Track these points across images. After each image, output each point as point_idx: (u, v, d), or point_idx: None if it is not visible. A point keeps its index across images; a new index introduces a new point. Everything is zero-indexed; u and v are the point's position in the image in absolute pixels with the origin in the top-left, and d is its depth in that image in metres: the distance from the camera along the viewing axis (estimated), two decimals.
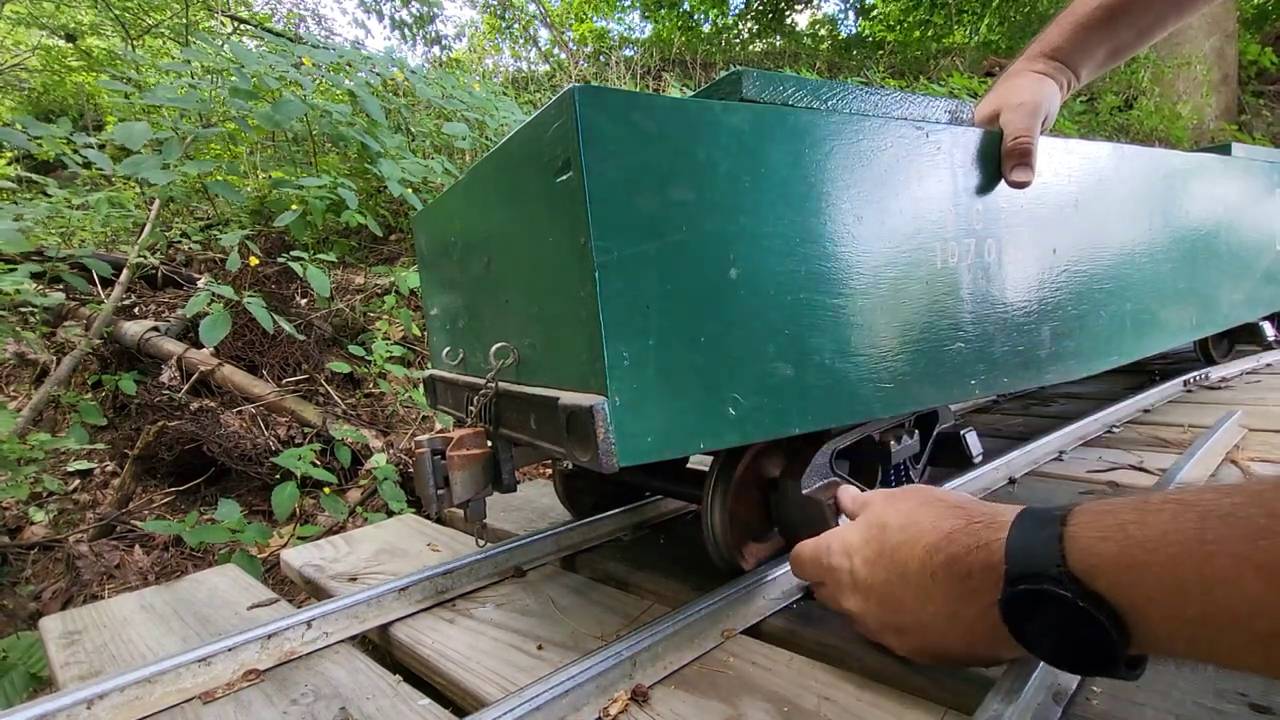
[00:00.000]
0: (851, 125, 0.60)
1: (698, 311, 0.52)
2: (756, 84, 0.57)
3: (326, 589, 0.91)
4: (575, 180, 0.48)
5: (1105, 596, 0.35)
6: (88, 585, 1.56)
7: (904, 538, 0.46)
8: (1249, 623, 0.30)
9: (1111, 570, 0.35)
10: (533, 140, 0.54)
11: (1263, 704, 0.52)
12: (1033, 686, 0.51)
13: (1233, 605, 0.31)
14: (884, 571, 0.48)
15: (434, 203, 0.90)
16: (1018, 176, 0.71)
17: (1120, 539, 0.35)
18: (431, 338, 0.96)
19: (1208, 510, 0.32)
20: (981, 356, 0.71)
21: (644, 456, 0.50)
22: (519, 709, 0.53)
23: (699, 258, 0.52)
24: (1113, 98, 4.96)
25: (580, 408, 0.49)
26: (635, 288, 0.49)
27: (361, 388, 2.39)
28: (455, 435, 0.68)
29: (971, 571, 0.43)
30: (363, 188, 2.76)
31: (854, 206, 0.60)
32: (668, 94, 0.58)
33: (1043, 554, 0.37)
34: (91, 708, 0.60)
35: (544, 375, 0.59)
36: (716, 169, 0.53)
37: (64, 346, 2.26)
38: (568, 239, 0.50)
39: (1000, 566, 0.40)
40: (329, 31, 6.90)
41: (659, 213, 0.50)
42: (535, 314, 0.59)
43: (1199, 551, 0.32)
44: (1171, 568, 0.33)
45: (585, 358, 0.50)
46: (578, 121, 0.47)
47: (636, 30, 8.84)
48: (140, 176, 1.91)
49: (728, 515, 0.74)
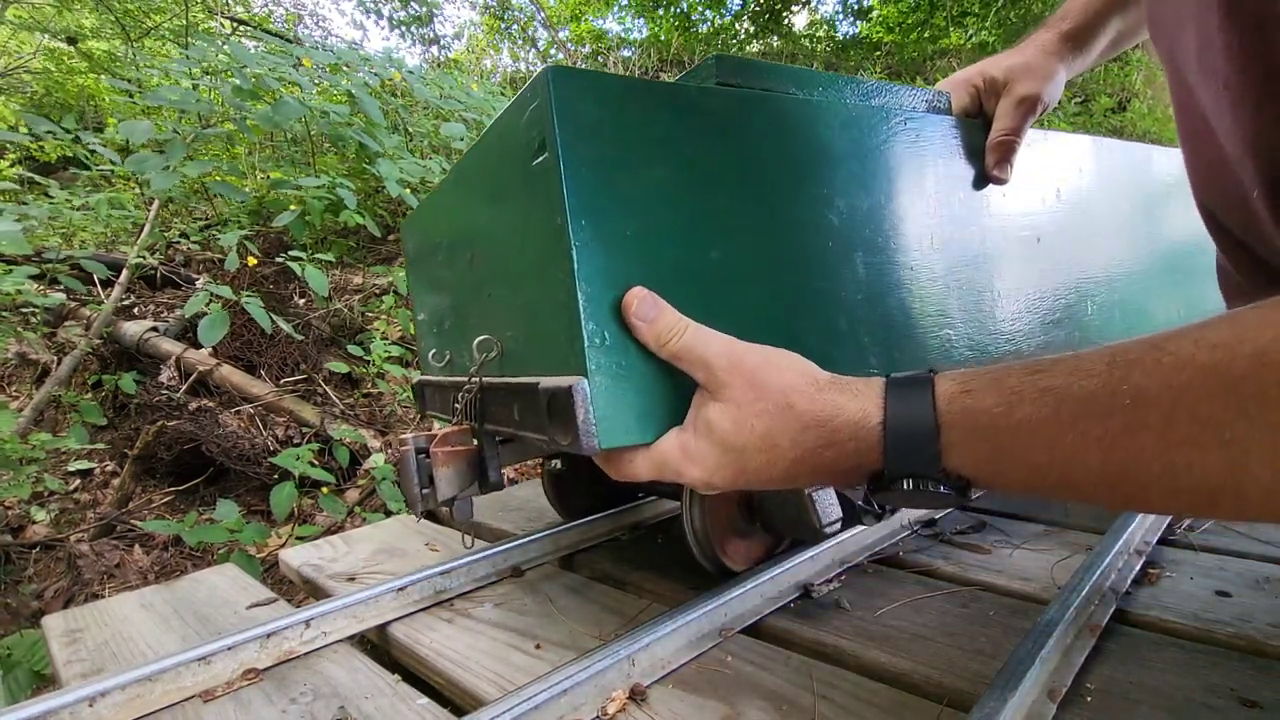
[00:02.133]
0: (829, 111, 0.61)
1: (677, 292, 0.51)
2: (733, 70, 0.57)
3: (325, 589, 0.91)
4: (551, 161, 0.48)
5: (971, 478, 0.41)
6: (89, 584, 1.56)
7: (765, 459, 0.45)
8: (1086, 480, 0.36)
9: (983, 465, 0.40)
10: (510, 126, 0.54)
11: (1251, 699, 0.52)
12: (1028, 683, 0.51)
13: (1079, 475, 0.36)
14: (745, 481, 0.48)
15: (420, 206, 0.90)
16: (998, 173, 0.72)
17: (990, 436, 0.39)
18: (420, 343, 0.96)
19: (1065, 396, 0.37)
20: (969, 343, 0.71)
21: (625, 439, 0.49)
22: (517, 708, 0.53)
23: (678, 239, 0.52)
24: (1106, 99, 4.97)
25: (560, 389, 0.49)
26: (613, 267, 0.49)
27: (360, 388, 2.39)
28: (439, 432, 0.68)
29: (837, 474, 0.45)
30: (361, 188, 2.76)
31: (834, 191, 0.60)
32: None
33: (923, 464, 0.41)
34: (93, 705, 0.60)
35: (527, 365, 0.59)
36: (694, 151, 0.53)
37: (64, 347, 2.27)
38: (545, 221, 0.50)
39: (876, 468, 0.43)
40: (327, 32, 6.90)
41: (636, 193, 0.50)
42: (517, 303, 0.59)
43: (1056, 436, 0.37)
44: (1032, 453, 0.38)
45: (564, 339, 0.50)
46: (552, 101, 0.47)
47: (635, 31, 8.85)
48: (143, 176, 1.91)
49: (706, 512, 0.74)
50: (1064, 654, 0.58)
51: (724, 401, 0.47)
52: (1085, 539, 0.87)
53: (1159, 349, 0.34)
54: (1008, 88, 0.74)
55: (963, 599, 0.74)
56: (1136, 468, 0.34)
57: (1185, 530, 0.87)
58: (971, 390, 0.40)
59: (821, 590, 0.77)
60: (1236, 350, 0.31)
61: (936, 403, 0.41)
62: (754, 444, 0.45)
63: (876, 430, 0.42)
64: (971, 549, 0.86)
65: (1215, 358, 0.32)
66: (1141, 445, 0.34)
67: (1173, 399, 0.33)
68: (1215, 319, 0.33)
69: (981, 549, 0.86)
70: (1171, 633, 0.64)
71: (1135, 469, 0.34)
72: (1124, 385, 0.34)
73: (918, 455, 0.41)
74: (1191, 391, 0.32)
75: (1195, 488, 0.33)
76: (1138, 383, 0.34)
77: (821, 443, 0.44)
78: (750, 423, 0.45)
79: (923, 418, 0.41)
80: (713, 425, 0.47)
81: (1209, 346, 0.32)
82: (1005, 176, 0.72)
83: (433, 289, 0.86)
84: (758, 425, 0.45)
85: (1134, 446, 0.34)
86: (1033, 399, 0.38)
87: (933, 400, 0.41)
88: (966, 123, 0.73)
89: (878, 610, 0.72)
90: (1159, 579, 0.74)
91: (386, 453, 1.97)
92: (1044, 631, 0.57)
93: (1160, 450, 0.33)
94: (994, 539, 0.89)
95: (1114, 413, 0.35)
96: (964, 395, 0.40)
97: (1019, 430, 0.38)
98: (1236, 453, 0.31)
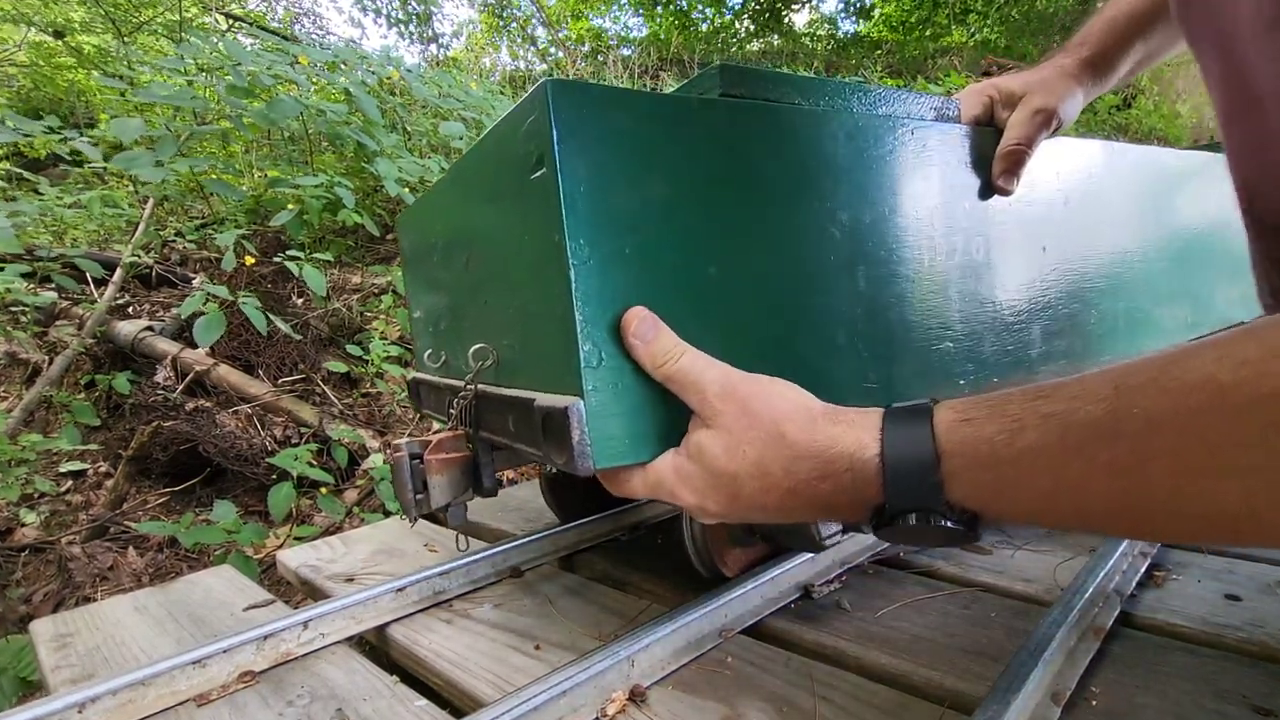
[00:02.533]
0: (834, 121, 0.60)
1: (676, 310, 0.51)
2: (736, 79, 0.56)
3: (323, 590, 0.90)
4: (549, 176, 0.47)
5: (976, 512, 0.39)
6: (80, 587, 1.55)
7: (759, 485, 0.45)
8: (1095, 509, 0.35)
9: (987, 496, 0.39)
10: (508, 137, 0.53)
11: (1266, 706, 0.51)
12: (1031, 686, 0.51)
13: (1087, 503, 0.35)
14: (740, 510, 0.47)
15: (416, 203, 0.89)
16: (1003, 183, 0.71)
17: (991, 465, 0.38)
18: (416, 340, 0.95)
19: (1069, 422, 0.35)
20: (970, 356, 0.70)
21: (621, 459, 0.49)
22: (517, 709, 0.52)
23: (677, 255, 0.51)
24: (1111, 96, 4.97)
25: (555, 409, 0.48)
26: (611, 286, 0.48)
27: (358, 388, 2.38)
28: (434, 438, 0.67)
29: (836, 509, 0.44)
30: (359, 187, 2.75)
31: (837, 204, 0.59)
32: None
33: (925, 496, 0.40)
34: (83, 711, 0.59)
35: (522, 377, 0.58)
36: (695, 166, 0.52)
37: (56, 346, 2.25)
38: (542, 236, 0.49)
39: (877, 502, 0.42)
40: (324, 30, 6.88)
41: (635, 210, 0.50)
42: (513, 314, 0.59)
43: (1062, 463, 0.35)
44: (1037, 481, 0.37)
45: (561, 358, 0.49)
46: (551, 117, 0.46)
47: (635, 30, 8.83)
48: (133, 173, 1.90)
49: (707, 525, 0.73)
50: (1068, 657, 0.58)
51: (716, 428, 0.46)
52: (1088, 540, 0.86)
53: (1169, 369, 0.33)
54: (1024, 100, 0.73)
55: (964, 600, 0.73)
56: (1146, 496, 0.33)
57: None
58: (971, 419, 0.39)
59: (822, 591, 0.76)
60: (1263, 369, 0.29)
61: (936, 431, 0.40)
62: (746, 471, 0.45)
63: (874, 462, 0.41)
64: (973, 550, 0.86)
65: (1239, 376, 0.29)
66: (1150, 473, 0.32)
67: (1183, 423, 0.31)
68: (1239, 333, 0.31)
69: (983, 550, 0.86)
70: (1179, 637, 0.63)
71: (1145, 497, 0.33)
72: (1133, 409, 0.33)
73: (919, 487, 0.40)
74: (1206, 415, 0.30)
75: (1209, 515, 0.32)
76: (1147, 406, 0.32)
77: (816, 474, 0.43)
78: (742, 449, 0.45)
79: (922, 447, 0.40)
80: (704, 450, 0.46)
81: (1234, 365, 0.30)
82: (1010, 188, 0.71)
83: (429, 288, 0.85)
84: (749, 452, 0.45)
85: (1143, 474, 0.33)
86: (1035, 425, 0.36)
87: (932, 429, 0.40)
88: (977, 130, 0.71)
89: (878, 611, 0.71)
90: (1165, 582, 0.74)
91: (385, 453, 1.96)
92: (1047, 634, 0.57)
93: (1170, 476, 0.32)
94: (996, 540, 0.89)
95: (1121, 438, 0.33)
96: (964, 424, 0.39)
97: (1022, 458, 0.37)
98: (1256, 481, 0.29)
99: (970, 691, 0.55)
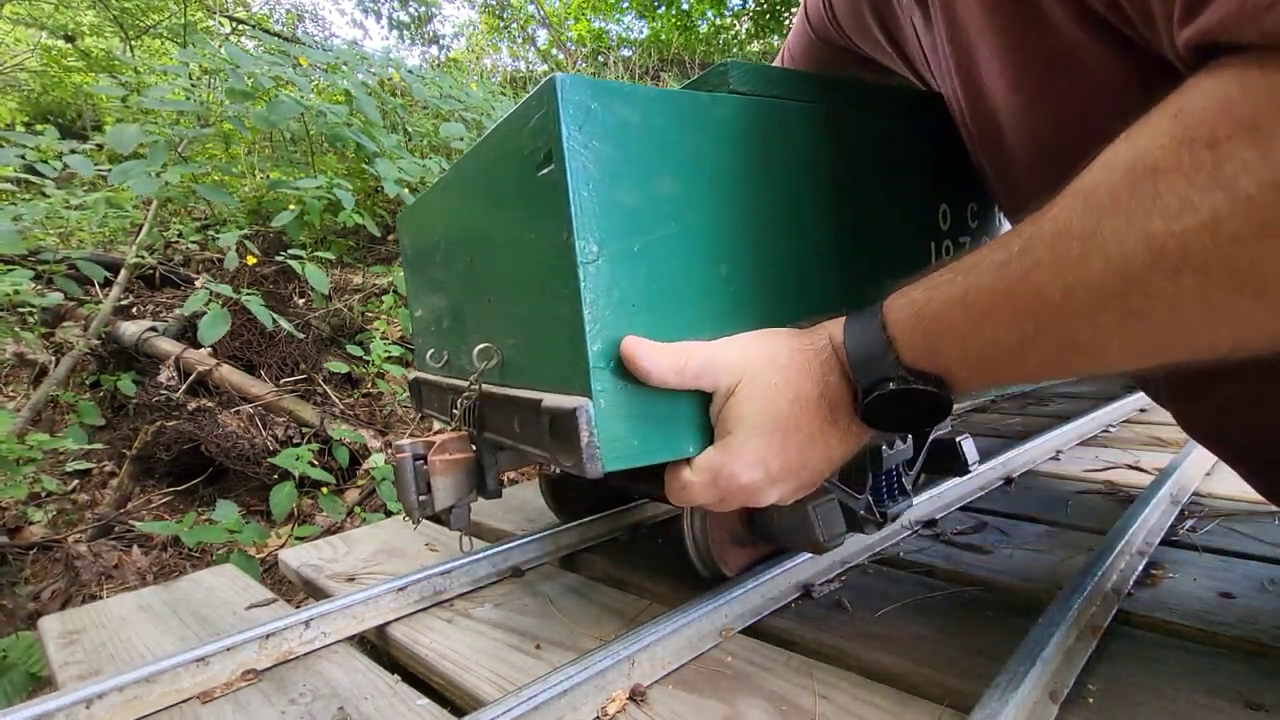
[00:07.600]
0: (843, 117, 0.60)
1: (686, 309, 0.50)
2: (745, 76, 0.55)
3: (324, 589, 0.91)
4: (557, 173, 0.46)
5: (928, 371, 0.44)
6: (86, 585, 1.56)
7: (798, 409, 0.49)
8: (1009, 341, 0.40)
9: (925, 351, 0.44)
10: (514, 133, 0.52)
11: (1257, 701, 0.52)
12: (1029, 685, 0.51)
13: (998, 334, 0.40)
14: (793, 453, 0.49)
15: (417, 201, 0.88)
16: None
17: (921, 321, 0.44)
18: (416, 339, 0.94)
19: (969, 266, 0.41)
20: None
21: (630, 461, 0.48)
22: (517, 708, 0.53)
23: (687, 254, 0.51)
24: None
25: (563, 410, 0.47)
26: (620, 285, 0.48)
27: (359, 388, 2.39)
28: (437, 439, 0.67)
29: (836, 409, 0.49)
30: (360, 187, 2.76)
31: (847, 199, 0.59)
32: None
33: (886, 367, 0.45)
34: (90, 707, 0.60)
35: (527, 377, 0.57)
36: (704, 162, 0.51)
37: (62, 347, 2.26)
38: (549, 235, 0.48)
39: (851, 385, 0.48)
40: (328, 33, 6.89)
41: (645, 207, 0.49)
42: (518, 313, 0.58)
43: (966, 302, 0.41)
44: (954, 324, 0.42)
45: (568, 358, 0.49)
46: (559, 112, 0.45)
47: (635, 31, 8.84)
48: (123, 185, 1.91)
49: (708, 525, 0.73)
50: (1065, 655, 0.58)
51: (742, 386, 0.49)
52: (1086, 539, 0.87)
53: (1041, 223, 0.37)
54: None
55: (963, 599, 0.73)
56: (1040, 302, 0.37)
57: (1189, 531, 0.87)
58: (907, 292, 0.45)
59: (822, 590, 0.76)
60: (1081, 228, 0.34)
61: (883, 309, 0.46)
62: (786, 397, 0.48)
63: (842, 349, 0.48)
64: (972, 549, 0.86)
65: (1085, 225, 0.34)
66: (1038, 280, 0.36)
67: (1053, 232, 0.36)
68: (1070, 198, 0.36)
69: (982, 549, 0.86)
70: (1175, 634, 0.63)
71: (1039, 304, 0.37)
72: (1018, 239, 0.38)
73: (878, 359, 0.45)
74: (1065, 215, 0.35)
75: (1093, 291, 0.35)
76: (1028, 230, 0.38)
77: (803, 373, 0.48)
78: (773, 381, 0.49)
79: (872, 324, 0.46)
80: (742, 410, 0.49)
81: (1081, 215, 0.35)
82: None
83: (430, 288, 0.85)
84: (777, 381, 0.49)
85: (1031, 283, 0.37)
86: (946, 282, 0.42)
87: (881, 311, 0.46)
88: None
89: (878, 610, 0.71)
90: (1162, 580, 0.74)
91: (386, 453, 1.97)
92: (1045, 632, 0.57)
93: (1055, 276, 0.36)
94: (994, 539, 0.89)
95: (1009, 262, 0.38)
96: (900, 298, 0.46)
97: (941, 313, 0.42)
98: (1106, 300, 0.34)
99: (969, 690, 0.55)
